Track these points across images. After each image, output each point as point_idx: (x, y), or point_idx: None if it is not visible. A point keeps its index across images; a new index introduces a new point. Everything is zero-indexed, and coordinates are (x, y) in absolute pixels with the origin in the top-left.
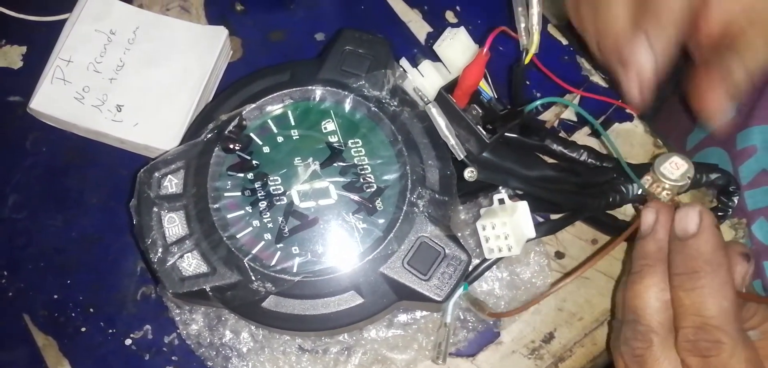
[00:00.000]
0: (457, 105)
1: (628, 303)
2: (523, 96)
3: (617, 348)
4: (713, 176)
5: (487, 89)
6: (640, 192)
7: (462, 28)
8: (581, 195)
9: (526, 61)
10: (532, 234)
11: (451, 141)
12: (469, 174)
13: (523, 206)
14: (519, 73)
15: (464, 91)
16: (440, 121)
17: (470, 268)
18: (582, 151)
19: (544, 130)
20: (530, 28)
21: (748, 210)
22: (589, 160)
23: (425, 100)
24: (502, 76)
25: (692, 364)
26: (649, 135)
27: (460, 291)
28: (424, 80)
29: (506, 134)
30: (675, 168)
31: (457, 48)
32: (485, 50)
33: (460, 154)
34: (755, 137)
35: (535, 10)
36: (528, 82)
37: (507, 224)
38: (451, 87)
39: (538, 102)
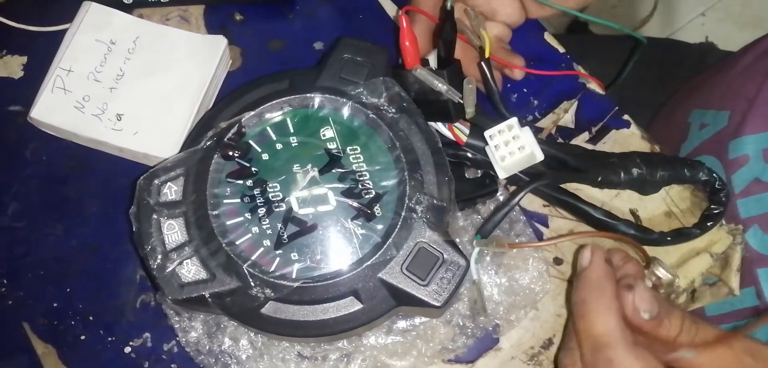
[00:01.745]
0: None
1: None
2: (495, 86)
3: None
4: (699, 175)
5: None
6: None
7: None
8: (587, 158)
9: (487, 55)
10: (540, 155)
11: (445, 88)
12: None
13: (527, 130)
14: (487, 63)
15: (406, 53)
16: (430, 77)
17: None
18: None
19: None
20: (477, 32)
21: (741, 218)
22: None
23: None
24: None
25: None
26: (646, 141)
27: (474, 257)
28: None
29: None
30: (665, 273)
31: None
32: (402, 14)
33: (456, 97)
34: (747, 146)
35: (472, 14)
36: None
37: (514, 127)
38: (400, 66)
39: None
